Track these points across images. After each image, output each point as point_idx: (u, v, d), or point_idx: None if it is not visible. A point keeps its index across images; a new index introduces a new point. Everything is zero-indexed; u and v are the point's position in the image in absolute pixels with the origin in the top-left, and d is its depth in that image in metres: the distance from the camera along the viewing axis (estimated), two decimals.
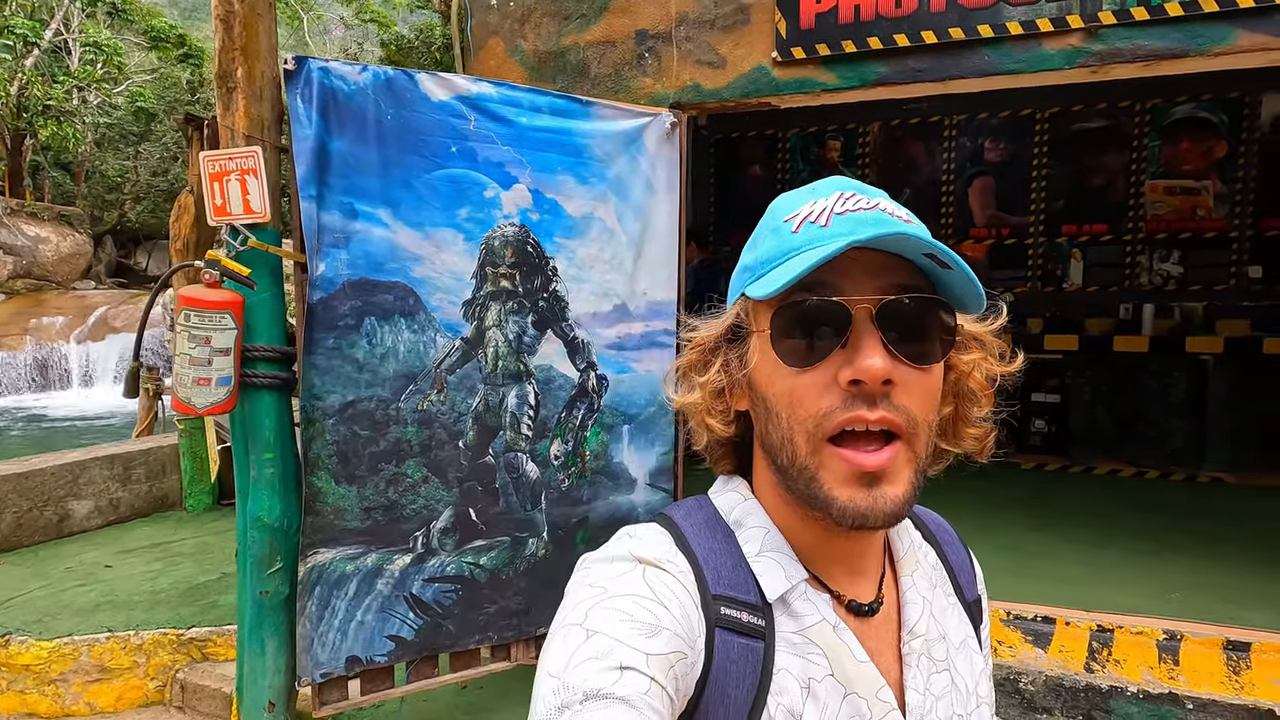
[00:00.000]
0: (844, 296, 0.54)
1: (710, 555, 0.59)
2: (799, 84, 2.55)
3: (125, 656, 2.97)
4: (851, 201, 0.57)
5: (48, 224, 20.86)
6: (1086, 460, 5.04)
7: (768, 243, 0.59)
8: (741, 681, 0.55)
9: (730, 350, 0.62)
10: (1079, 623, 2.61)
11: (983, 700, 0.67)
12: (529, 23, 2.85)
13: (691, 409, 0.64)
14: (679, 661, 0.52)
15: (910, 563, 0.66)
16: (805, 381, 0.55)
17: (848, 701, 0.57)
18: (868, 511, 0.53)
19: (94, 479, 4.37)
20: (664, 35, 2.69)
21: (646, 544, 0.59)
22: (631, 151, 2.53)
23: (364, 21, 26.73)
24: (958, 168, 5.52)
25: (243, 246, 1.96)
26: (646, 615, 0.52)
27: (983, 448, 0.64)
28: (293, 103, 2.01)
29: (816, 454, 0.55)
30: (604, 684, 0.47)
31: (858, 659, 0.58)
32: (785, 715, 0.55)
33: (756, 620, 0.57)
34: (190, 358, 1.84)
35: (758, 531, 0.61)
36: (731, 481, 0.66)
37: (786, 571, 0.59)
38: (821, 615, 0.59)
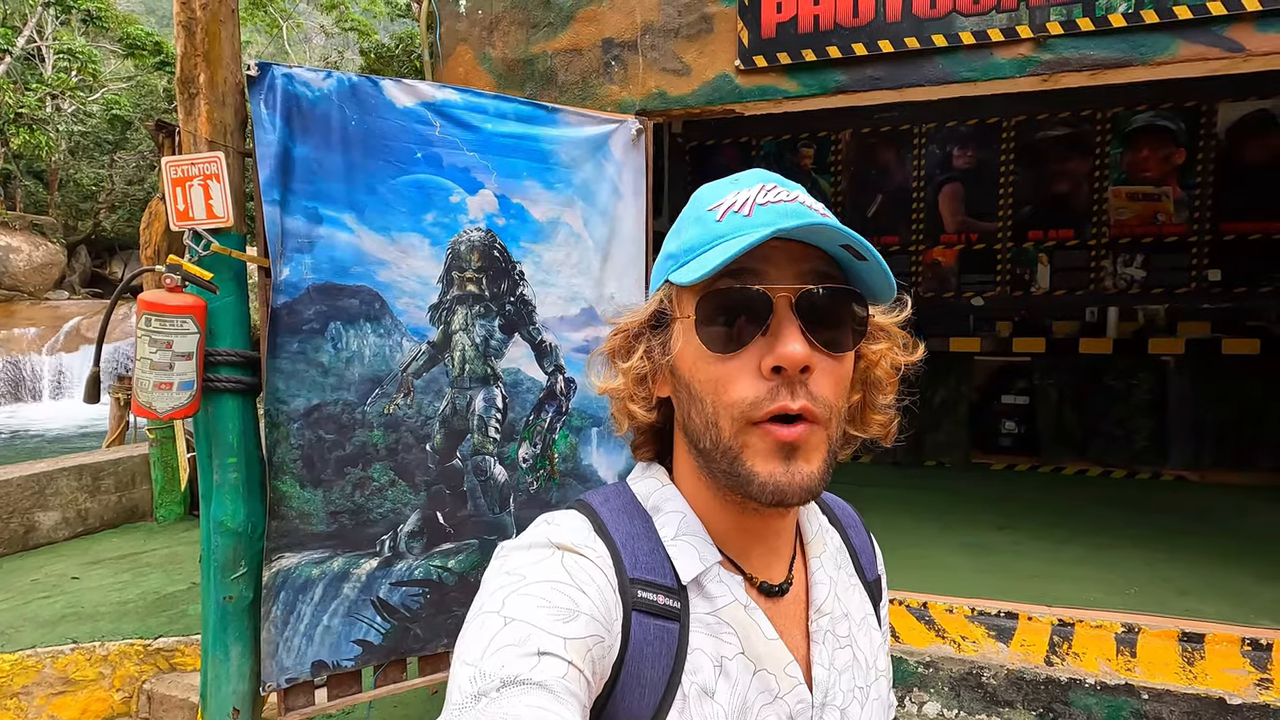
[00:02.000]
0: (766, 284, 0.56)
1: (628, 540, 0.61)
2: (762, 91, 2.60)
3: (90, 668, 2.93)
4: (773, 193, 0.59)
5: (19, 233, 20.52)
6: (1055, 460, 5.13)
7: (692, 231, 0.61)
8: (657, 662, 0.57)
9: (653, 337, 0.63)
10: (1041, 617, 2.67)
11: (881, 673, 0.70)
12: (497, 31, 2.88)
13: (614, 395, 0.65)
14: (596, 645, 0.53)
15: (818, 545, 0.69)
16: (729, 368, 0.56)
17: (757, 678, 0.59)
18: (786, 486, 0.55)
19: (61, 490, 4.30)
20: (630, 44, 2.73)
21: (565, 530, 0.60)
22: (598, 157, 2.56)
23: (344, 30, 26.68)
24: (928, 174, 5.63)
25: (205, 251, 1.97)
26: (564, 601, 0.53)
27: (887, 433, 0.67)
28: (255, 108, 2.02)
29: (740, 435, 0.57)
30: (521, 670, 0.48)
31: (767, 637, 0.60)
32: (698, 693, 0.57)
33: (672, 602, 0.59)
34: (151, 362, 1.84)
35: (674, 516, 0.63)
36: (650, 469, 0.68)
37: (700, 554, 0.61)
38: (733, 596, 0.61)
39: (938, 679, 2.54)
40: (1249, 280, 4.92)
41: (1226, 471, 4.67)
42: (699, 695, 0.57)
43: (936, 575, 3.15)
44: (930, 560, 3.41)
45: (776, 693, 0.59)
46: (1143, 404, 4.91)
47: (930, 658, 2.55)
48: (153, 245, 4.56)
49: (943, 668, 2.54)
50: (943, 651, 2.57)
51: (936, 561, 3.38)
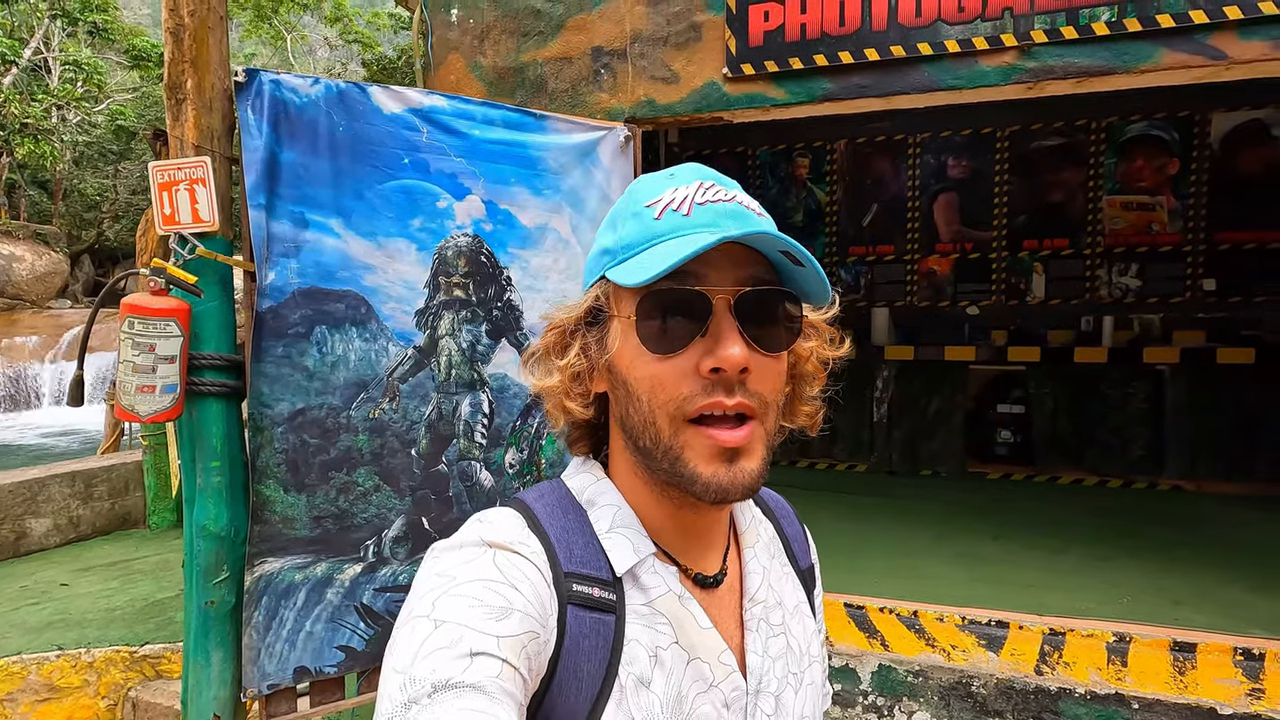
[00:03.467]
0: (706, 286, 0.56)
1: (562, 534, 0.61)
2: (749, 99, 2.62)
3: (75, 675, 2.91)
4: (711, 192, 0.59)
5: (22, 242, 20.62)
6: (1051, 469, 5.11)
7: (629, 226, 0.60)
8: (594, 655, 0.57)
9: (589, 333, 0.63)
10: (1032, 626, 2.65)
11: (814, 660, 0.71)
12: (488, 39, 2.90)
13: (549, 393, 0.65)
14: (531, 641, 0.53)
15: (752, 536, 0.70)
16: (667, 368, 0.57)
17: (691, 666, 0.60)
18: (729, 486, 0.56)
19: (53, 496, 4.30)
20: (619, 52, 2.75)
21: (497, 528, 0.60)
22: (586, 164, 2.57)
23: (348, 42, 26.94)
24: (923, 184, 5.65)
25: (190, 255, 1.97)
26: (497, 599, 0.53)
27: (814, 423, 0.69)
28: (243, 114, 2.03)
29: (679, 435, 0.57)
30: (453, 672, 0.47)
31: (701, 626, 0.61)
32: (635, 684, 0.57)
33: (607, 595, 0.59)
34: (134, 365, 1.84)
35: (608, 510, 0.63)
36: (585, 464, 0.68)
37: (635, 546, 0.62)
38: (668, 587, 0.61)
39: (927, 688, 2.51)
40: (1244, 290, 4.92)
41: (1221, 481, 4.64)
42: (635, 686, 0.57)
43: (929, 584, 3.13)
44: (923, 569, 3.39)
45: (711, 681, 0.60)
46: (1138, 413, 4.90)
47: (920, 666, 2.53)
48: (149, 252, 4.58)
49: (932, 677, 2.52)
50: (932, 660, 2.55)
51: (929, 571, 3.36)
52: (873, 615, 2.85)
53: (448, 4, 2.92)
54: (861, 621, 2.81)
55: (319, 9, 26.32)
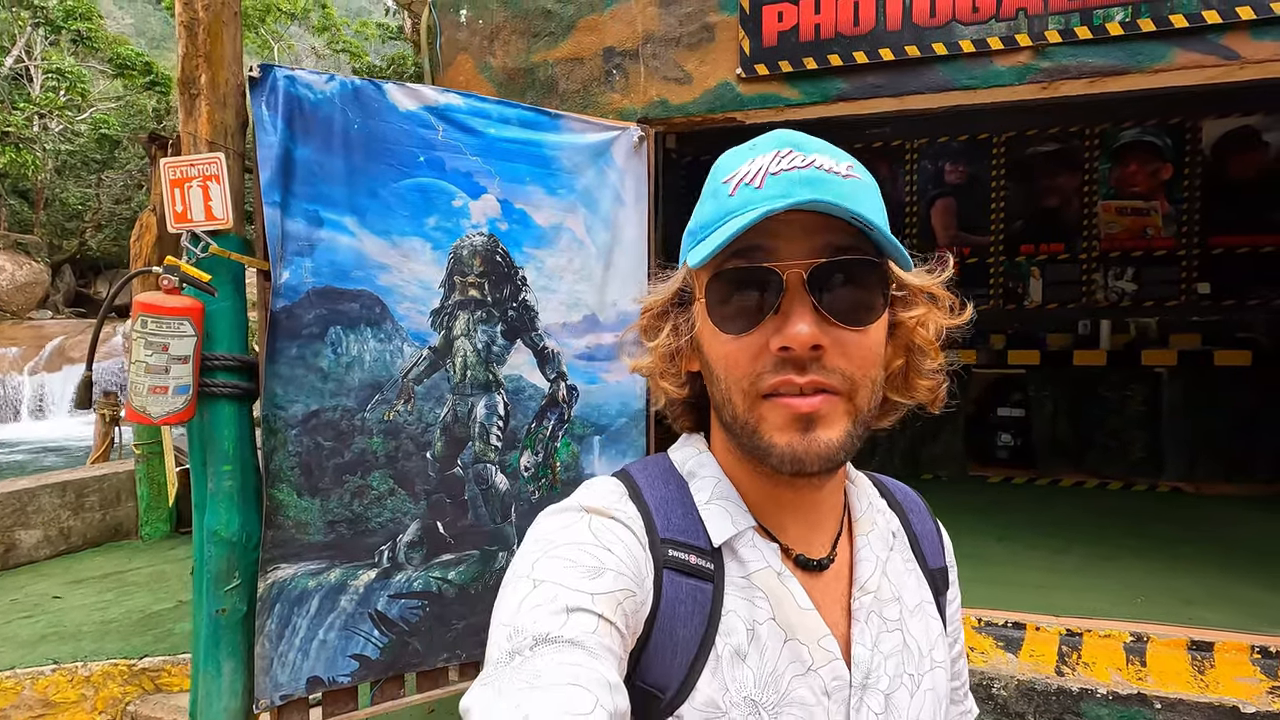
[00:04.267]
0: (776, 261, 0.54)
1: (661, 504, 0.62)
2: (763, 99, 2.62)
3: (72, 689, 2.82)
4: (787, 159, 0.56)
5: (2, 253, 20.30)
6: (1052, 472, 5.13)
7: (707, 206, 0.59)
8: (689, 621, 0.57)
9: (679, 315, 0.63)
10: (1048, 627, 2.63)
11: (938, 664, 0.67)
12: (498, 40, 2.89)
13: (646, 372, 0.66)
14: (627, 599, 0.54)
15: (866, 523, 0.67)
16: (739, 346, 0.56)
17: (789, 646, 0.58)
18: (803, 455, 0.55)
19: (43, 507, 4.19)
20: (631, 53, 2.74)
21: (597, 495, 0.61)
22: (600, 164, 2.56)
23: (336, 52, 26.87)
24: (920, 189, 5.68)
25: (204, 253, 1.93)
26: (590, 560, 0.54)
27: (935, 398, 0.65)
28: (257, 110, 1.99)
29: (754, 409, 0.57)
30: (552, 627, 0.49)
31: (801, 606, 0.59)
32: (731, 654, 0.57)
33: (704, 563, 0.59)
34: (146, 365, 1.79)
35: (709, 481, 0.63)
36: (690, 438, 0.69)
37: (734, 518, 0.61)
38: (766, 562, 0.61)
39: None
40: (1238, 293, 4.98)
41: (1220, 482, 4.68)
42: (732, 657, 0.57)
43: None
44: None
45: (809, 664, 0.58)
46: (1137, 415, 4.93)
47: None
48: (143, 258, 4.51)
49: None
50: None
51: None
52: None
53: (457, 4, 2.91)
54: None
55: (306, 19, 26.28)
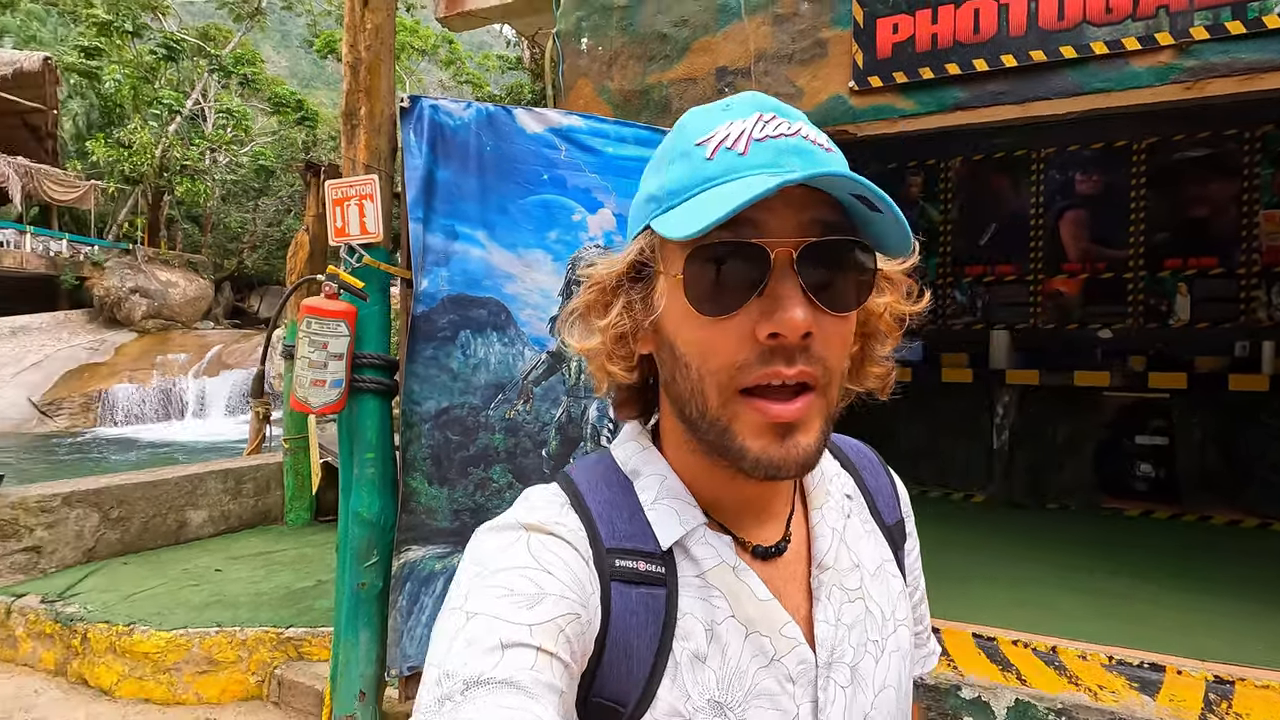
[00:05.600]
0: (764, 238, 0.49)
1: (604, 509, 0.57)
2: (876, 111, 2.61)
3: (231, 651, 3.19)
4: (772, 125, 0.51)
5: (177, 270, 23.11)
6: (1200, 508, 4.64)
7: (677, 169, 0.53)
8: (644, 630, 0.54)
9: (633, 290, 0.57)
10: (1193, 672, 2.41)
11: (900, 622, 0.64)
12: (615, 64, 3.05)
13: (590, 354, 0.59)
14: (570, 624, 0.50)
15: (820, 496, 0.64)
16: (719, 332, 0.51)
17: (750, 640, 0.55)
18: (780, 463, 0.51)
19: (209, 491, 4.75)
20: (743, 71, 2.82)
21: (536, 508, 0.57)
22: None
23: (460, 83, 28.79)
24: (1047, 201, 5.37)
25: (358, 263, 2.17)
26: (528, 586, 0.50)
27: (885, 385, 0.62)
28: (406, 136, 2.23)
29: (728, 406, 0.52)
30: (485, 668, 0.45)
31: (759, 598, 0.57)
32: (690, 659, 0.54)
33: (654, 568, 0.55)
34: (309, 360, 2.04)
35: (654, 479, 0.59)
36: (632, 431, 0.64)
37: (681, 518, 0.57)
38: (721, 558, 0.57)
39: None
40: None
41: None
42: (691, 662, 0.54)
43: (1062, 621, 2.92)
44: (1054, 604, 3.16)
45: (773, 655, 0.56)
46: None
47: (1063, 705, 2.35)
48: (297, 272, 5.04)
49: (1078, 716, 2.33)
50: (1077, 700, 2.36)
51: (1061, 607, 3.13)
52: (1005, 648, 2.68)
53: (578, 33, 3.10)
54: (993, 654, 2.65)
55: (435, 54, 28.36)
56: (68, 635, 3.35)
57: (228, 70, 25.74)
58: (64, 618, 3.39)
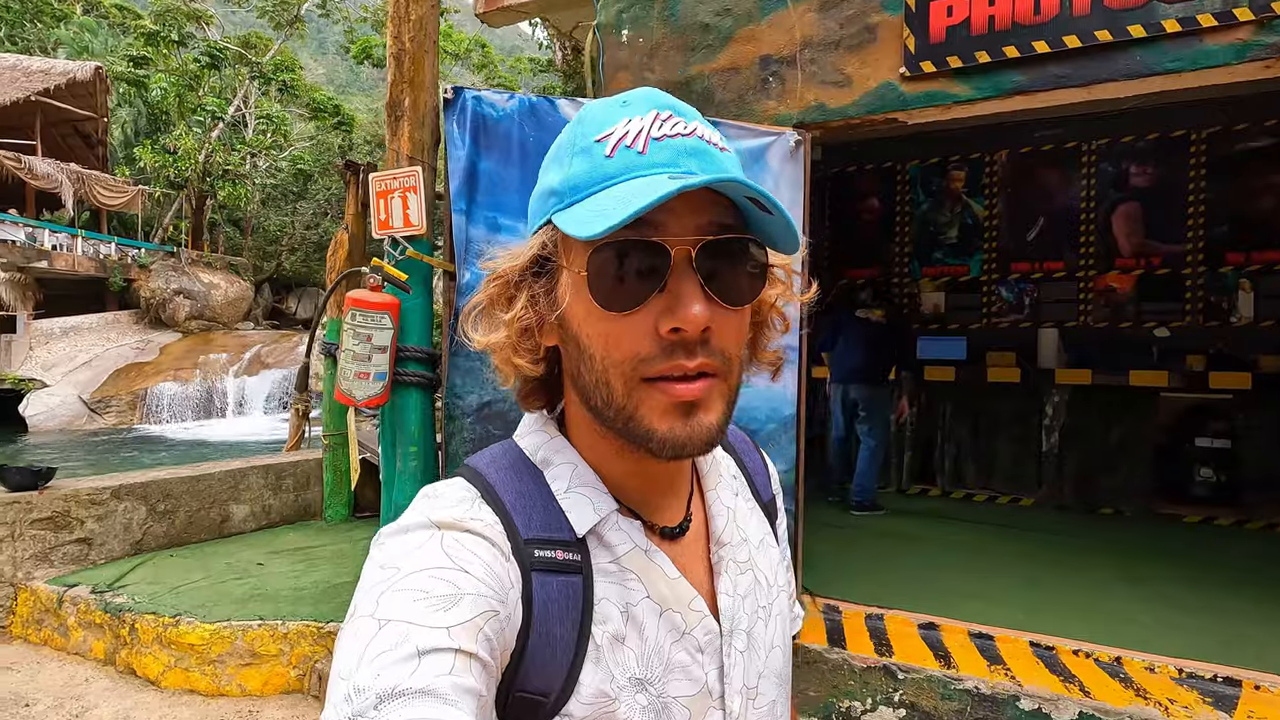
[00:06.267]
0: (664, 236, 0.51)
1: (518, 500, 0.58)
2: (928, 98, 2.52)
3: (273, 644, 3.21)
4: (669, 124, 0.53)
5: (219, 272, 23.72)
6: (1268, 515, 4.42)
7: (578, 165, 0.54)
8: (564, 617, 0.55)
9: (536, 284, 0.58)
10: (1272, 688, 2.27)
11: (780, 589, 0.70)
12: (656, 56, 3.00)
13: (496, 348, 0.60)
14: (489, 621, 0.50)
15: (714, 477, 0.68)
16: (622, 326, 0.52)
17: (664, 618, 0.58)
18: (686, 440, 0.53)
19: (251, 485, 4.83)
20: (788, 59, 2.75)
21: (446, 504, 0.56)
22: (756, 170, 2.58)
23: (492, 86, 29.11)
24: (1099, 195, 5.17)
25: (401, 256, 2.16)
26: (444, 588, 0.49)
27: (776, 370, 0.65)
28: (449, 127, 2.22)
29: (633, 394, 0.53)
30: (400, 678, 0.44)
31: (670, 577, 0.60)
32: (610, 641, 0.56)
33: (571, 556, 0.57)
34: (353, 353, 2.03)
35: (565, 468, 0.60)
36: (538, 421, 0.64)
37: (595, 505, 0.59)
38: (633, 542, 0.59)
39: None
40: None
41: None
42: (611, 643, 0.56)
43: (1122, 630, 2.78)
44: (1114, 613, 3.02)
45: (684, 629, 0.59)
46: None
47: (1132, 719, 2.23)
48: (337, 270, 5.09)
49: None
50: (1147, 714, 2.24)
51: (1121, 615, 2.99)
52: (1065, 657, 2.56)
53: (619, 25, 3.06)
54: (1052, 663, 2.53)
55: (468, 58, 28.71)
56: (116, 625, 3.42)
57: (268, 77, 26.38)
58: (113, 608, 3.46)
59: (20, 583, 3.74)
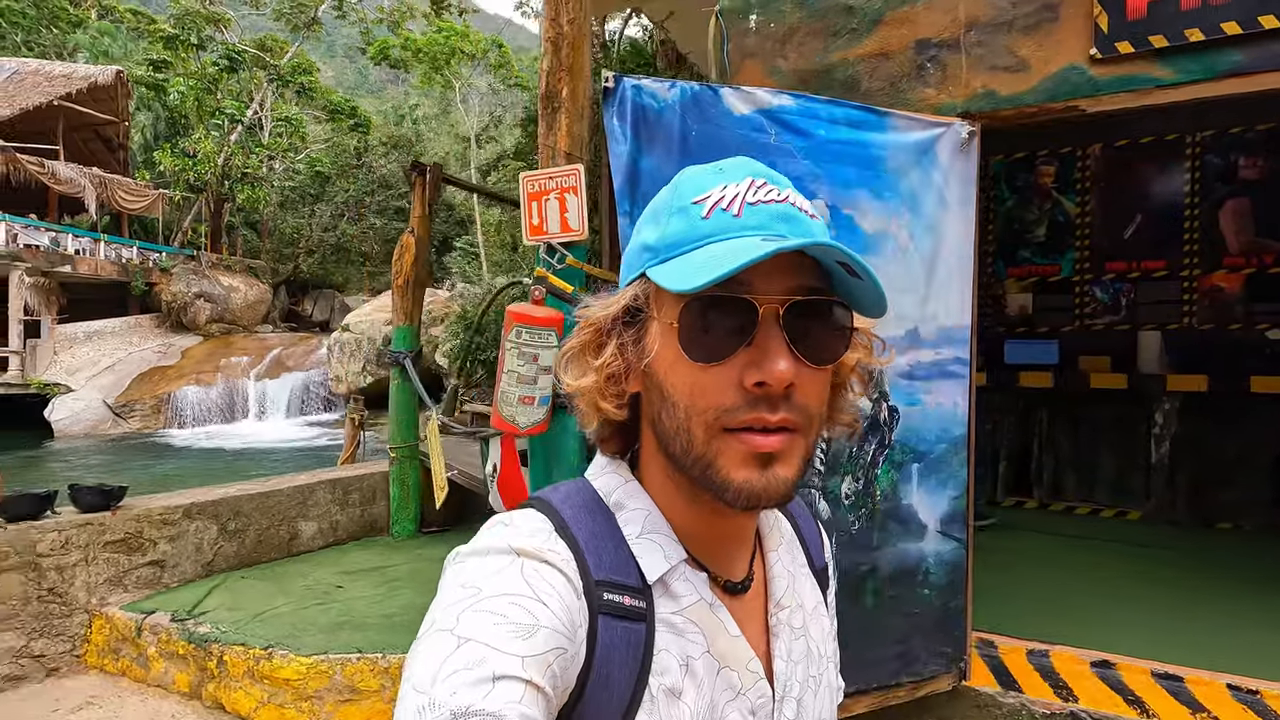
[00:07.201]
0: (754, 295, 0.53)
1: (591, 539, 0.58)
2: (1123, 82, 2.27)
3: (373, 679, 3.00)
4: (763, 191, 0.56)
5: (238, 275, 23.65)
6: None
7: (675, 224, 0.57)
8: (625, 664, 0.55)
9: (626, 333, 0.60)
10: None
11: (829, 660, 0.70)
12: (790, 42, 2.76)
13: (584, 391, 0.61)
14: (558, 658, 0.51)
15: (775, 538, 0.69)
16: (709, 377, 0.54)
17: (721, 675, 0.59)
18: (761, 492, 0.54)
19: (319, 501, 4.62)
20: (949, 43, 2.50)
21: (524, 533, 0.57)
22: (924, 164, 2.33)
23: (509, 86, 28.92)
24: (1204, 189, 4.89)
25: (560, 265, 1.93)
26: (523, 616, 0.50)
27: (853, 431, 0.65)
28: (609, 120, 1.98)
29: (712, 443, 0.55)
30: (474, 699, 0.45)
31: (731, 634, 0.60)
32: (665, 695, 0.56)
33: (638, 603, 0.57)
34: (519, 375, 1.80)
35: (638, 513, 0.61)
36: (611, 464, 0.65)
37: (666, 553, 0.59)
38: (699, 595, 0.60)
39: None
40: None
41: None
42: (666, 697, 0.56)
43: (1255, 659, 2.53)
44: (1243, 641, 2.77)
45: (739, 689, 0.59)
46: None
47: None
48: (403, 275, 4.88)
49: None
50: None
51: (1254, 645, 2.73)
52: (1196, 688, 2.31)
53: (745, 10, 2.82)
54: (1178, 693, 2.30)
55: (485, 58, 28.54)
56: (202, 657, 3.21)
57: (285, 79, 26.30)
58: (197, 638, 3.25)
59: (95, 609, 3.55)
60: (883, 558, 2.29)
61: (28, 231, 18.44)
